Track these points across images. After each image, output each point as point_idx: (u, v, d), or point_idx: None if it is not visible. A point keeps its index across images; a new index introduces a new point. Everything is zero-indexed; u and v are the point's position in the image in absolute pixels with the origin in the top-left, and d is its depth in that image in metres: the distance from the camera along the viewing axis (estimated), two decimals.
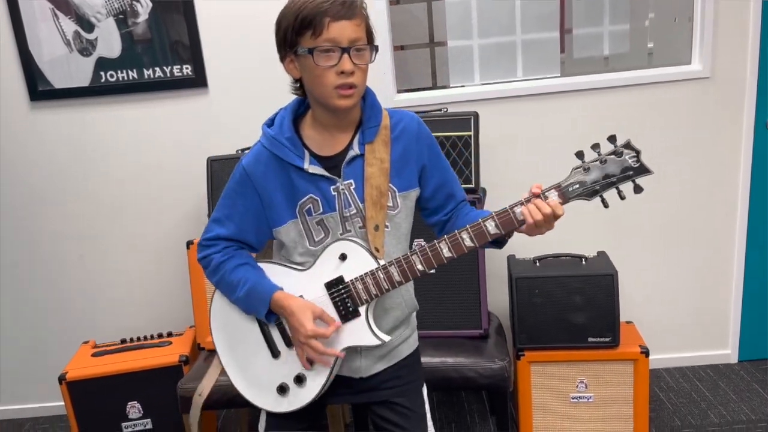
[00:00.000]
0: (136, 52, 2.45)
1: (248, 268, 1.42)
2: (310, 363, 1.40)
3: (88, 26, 2.43)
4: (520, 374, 2.28)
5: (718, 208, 2.61)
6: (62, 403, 2.30)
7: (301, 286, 1.40)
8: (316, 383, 1.41)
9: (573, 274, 2.20)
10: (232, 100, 2.52)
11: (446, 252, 1.33)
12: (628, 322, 2.42)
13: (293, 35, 1.28)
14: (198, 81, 2.48)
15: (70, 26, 2.43)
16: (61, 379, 2.23)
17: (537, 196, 1.32)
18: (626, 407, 2.28)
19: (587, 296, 2.19)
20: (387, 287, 1.36)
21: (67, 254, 2.69)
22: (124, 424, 2.28)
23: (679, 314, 2.73)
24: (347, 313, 1.38)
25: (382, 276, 1.35)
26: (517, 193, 2.60)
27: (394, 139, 1.40)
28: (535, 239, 2.53)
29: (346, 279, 1.37)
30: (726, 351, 2.78)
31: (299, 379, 1.42)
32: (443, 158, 1.49)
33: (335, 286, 1.38)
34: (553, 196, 1.30)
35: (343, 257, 1.37)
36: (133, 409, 2.27)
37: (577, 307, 2.20)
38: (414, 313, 1.56)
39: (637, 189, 1.32)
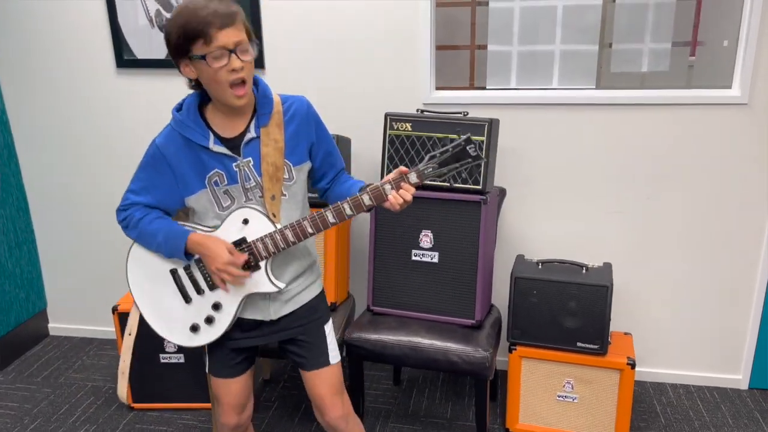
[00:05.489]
0: None
1: (164, 220, 1.72)
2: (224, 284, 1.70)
3: (169, 6, 2.74)
4: (511, 366, 2.44)
5: (743, 234, 2.61)
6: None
7: None
8: (222, 323, 1.74)
9: (570, 281, 2.31)
10: (285, 80, 2.78)
11: (331, 218, 1.64)
12: (626, 333, 2.51)
13: (185, 44, 1.52)
14: (257, 62, 2.74)
15: (153, 5, 2.76)
16: (114, 309, 2.62)
17: (405, 173, 1.59)
18: (609, 413, 2.39)
19: (581, 303, 2.30)
20: (283, 246, 1.66)
21: None
22: (161, 356, 2.65)
23: (695, 333, 2.77)
24: (249, 267, 1.68)
25: (278, 237, 1.66)
26: (541, 195, 2.75)
27: (287, 122, 1.68)
28: (557, 247, 2.69)
29: (249, 239, 1.67)
30: (737, 376, 2.79)
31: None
32: (328, 134, 1.79)
33: (239, 245, 1.67)
34: (413, 177, 1.59)
35: (245, 221, 1.67)
36: (170, 344, 2.63)
37: (570, 312, 2.32)
38: (316, 265, 1.87)
39: (471, 169, 1.67)
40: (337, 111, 2.74)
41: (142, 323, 1.83)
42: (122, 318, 2.61)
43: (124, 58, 2.86)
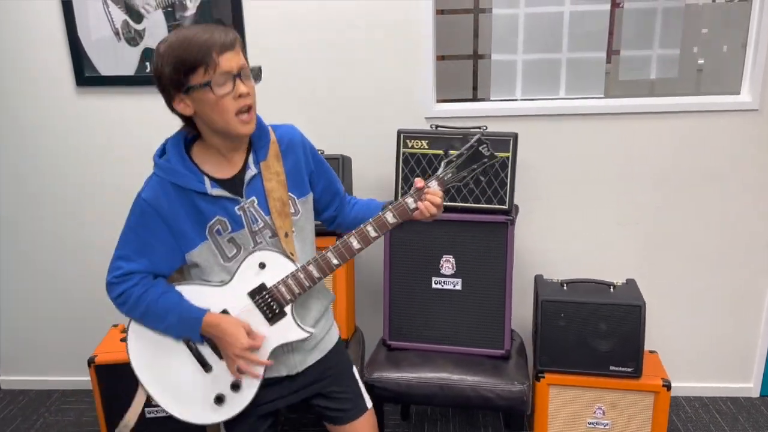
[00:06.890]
0: None
1: (172, 296, 1.50)
2: (240, 373, 1.51)
3: (137, 16, 2.46)
4: (538, 395, 2.29)
5: (754, 242, 2.57)
6: (88, 378, 2.37)
7: (224, 301, 1.50)
8: (251, 385, 1.53)
9: (601, 301, 2.18)
10: (271, 95, 2.52)
11: (356, 244, 1.49)
12: (651, 352, 2.41)
13: (182, 77, 1.35)
14: None
15: (119, 15, 2.46)
16: (90, 362, 2.30)
17: (422, 188, 1.47)
18: None
19: (613, 325, 2.18)
20: (309, 284, 1.49)
21: (105, 238, 2.75)
22: (146, 409, 2.34)
23: (705, 344, 2.70)
24: (273, 315, 1.50)
25: (302, 276, 1.48)
26: (550, 211, 2.61)
27: (283, 152, 1.52)
28: (568, 262, 2.56)
29: (269, 285, 1.49)
30: (749, 384, 2.75)
31: (235, 386, 1.53)
32: (324, 161, 1.64)
33: (259, 293, 1.50)
34: (434, 185, 1.48)
35: (262, 266, 1.49)
36: None
37: (601, 335, 2.19)
38: (331, 306, 1.70)
39: (485, 171, 1.51)
40: (333, 129, 2.53)
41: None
42: (99, 371, 2.30)
43: (86, 76, 2.54)
